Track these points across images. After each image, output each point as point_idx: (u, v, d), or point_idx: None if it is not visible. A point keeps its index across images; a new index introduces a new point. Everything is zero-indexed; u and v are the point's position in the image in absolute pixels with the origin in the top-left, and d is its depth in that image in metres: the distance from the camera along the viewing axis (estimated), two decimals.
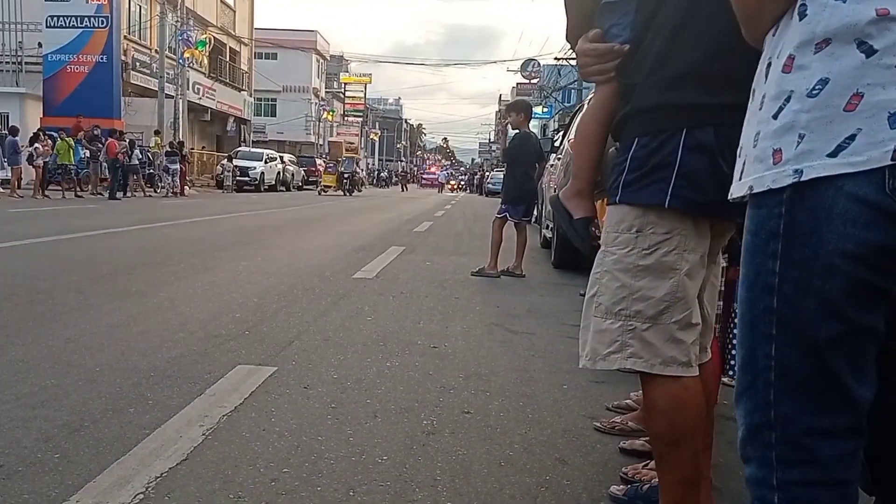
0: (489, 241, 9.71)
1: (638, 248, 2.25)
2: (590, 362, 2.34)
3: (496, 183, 50.50)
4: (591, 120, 2.50)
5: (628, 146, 2.24)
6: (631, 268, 2.26)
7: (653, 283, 2.25)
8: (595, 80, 2.43)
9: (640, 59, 2.24)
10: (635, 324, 2.26)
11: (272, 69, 64.90)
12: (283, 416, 3.68)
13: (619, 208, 2.27)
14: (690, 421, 2.31)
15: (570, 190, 2.64)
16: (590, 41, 2.37)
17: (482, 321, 6.42)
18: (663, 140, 2.17)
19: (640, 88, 2.23)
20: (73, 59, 32.69)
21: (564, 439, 3.63)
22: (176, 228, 14.35)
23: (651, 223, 2.23)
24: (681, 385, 2.28)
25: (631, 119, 2.25)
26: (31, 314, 5.68)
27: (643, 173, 2.20)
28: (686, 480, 2.34)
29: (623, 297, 2.27)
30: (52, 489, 2.76)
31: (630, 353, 2.27)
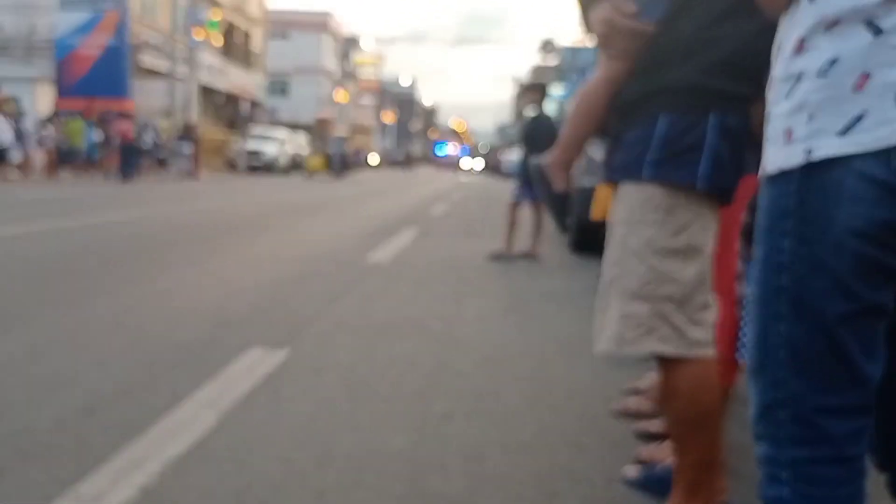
0: (505, 223, 9.69)
1: (666, 228, 2.23)
2: (614, 347, 2.31)
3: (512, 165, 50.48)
4: (598, 93, 2.43)
5: (651, 122, 2.21)
6: (660, 249, 2.23)
7: (680, 264, 2.23)
8: (614, 54, 2.37)
9: (673, 40, 2.21)
10: (664, 306, 2.24)
11: (285, 50, 64.75)
12: (295, 400, 3.68)
13: (644, 187, 2.24)
14: (711, 401, 2.32)
15: (554, 159, 2.60)
16: (624, 15, 2.29)
17: (497, 305, 6.41)
18: (693, 120, 2.17)
19: (672, 68, 2.20)
20: (85, 42, 32.72)
21: (578, 423, 3.61)
22: (188, 211, 14.36)
23: (679, 204, 2.22)
24: (702, 366, 2.29)
25: (658, 95, 2.22)
26: (43, 298, 5.71)
27: (674, 152, 2.18)
28: (704, 462, 2.34)
29: (652, 279, 2.24)
30: (65, 472, 2.76)
31: (659, 337, 2.25)
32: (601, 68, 2.44)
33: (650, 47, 2.26)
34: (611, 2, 2.31)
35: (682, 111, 2.18)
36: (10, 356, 4.19)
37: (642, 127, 2.24)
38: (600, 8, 2.34)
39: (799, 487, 1.46)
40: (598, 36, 2.35)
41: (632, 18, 2.27)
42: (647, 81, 2.26)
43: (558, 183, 2.59)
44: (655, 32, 2.25)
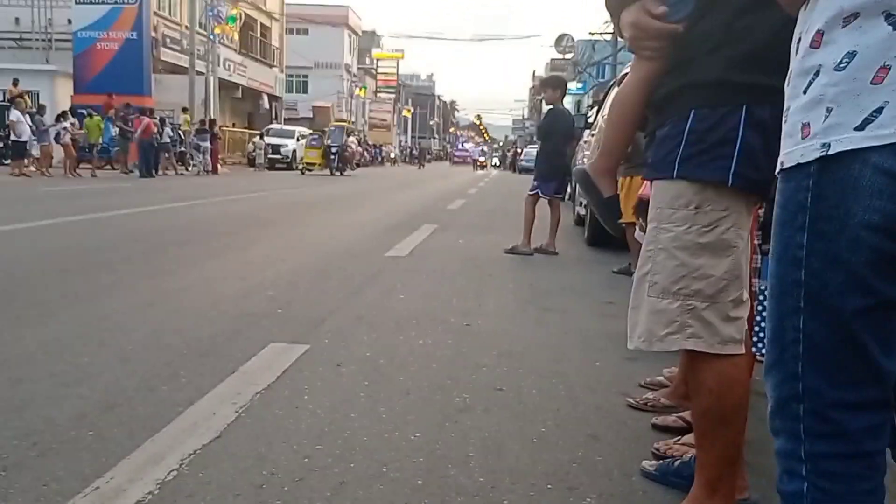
0: (522, 219, 9.68)
1: (697, 225, 2.23)
2: (644, 344, 2.32)
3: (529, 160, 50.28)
4: (634, 95, 2.44)
5: (684, 118, 2.21)
6: (690, 245, 2.23)
7: (711, 260, 2.23)
8: (644, 55, 2.37)
9: (701, 34, 2.21)
10: (694, 303, 2.25)
11: (304, 45, 64.75)
12: (315, 394, 3.70)
13: (675, 184, 2.24)
14: (738, 398, 2.33)
15: (599, 166, 2.60)
16: (653, 16, 2.28)
17: (515, 299, 6.42)
18: (724, 115, 2.16)
19: (701, 63, 2.20)
20: (104, 36, 32.63)
21: (597, 416, 3.62)
22: (208, 207, 14.41)
23: (710, 200, 2.21)
24: (731, 363, 2.29)
25: (687, 91, 2.22)
26: (64, 293, 5.73)
27: (704, 148, 2.18)
28: (727, 458, 2.35)
29: (682, 275, 2.25)
30: (86, 466, 2.78)
31: (690, 334, 2.26)
32: (634, 70, 2.44)
33: (679, 45, 2.26)
34: (639, 4, 2.31)
35: (712, 105, 2.18)
36: (30, 351, 4.21)
37: (673, 123, 2.24)
38: (629, 11, 2.34)
39: (817, 482, 1.46)
40: (629, 38, 2.36)
41: (660, 19, 2.27)
42: (676, 78, 2.26)
43: (606, 189, 2.60)
44: (688, 25, 2.25)
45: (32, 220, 10.30)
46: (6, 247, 7.97)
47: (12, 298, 5.44)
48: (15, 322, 4.79)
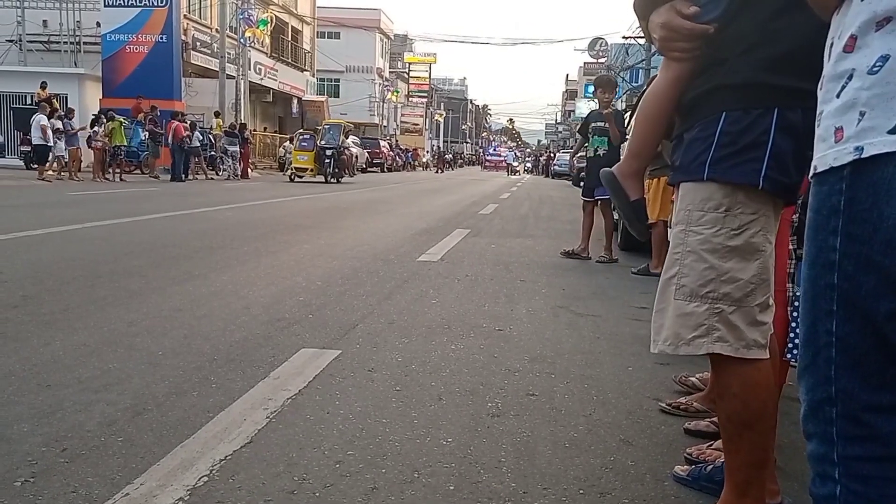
0: (555, 223, 9.66)
1: (726, 228, 2.22)
2: (671, 347, 2.31)
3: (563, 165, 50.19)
4: (662, 97, 2.42)
5: (715, 120, 2.20)
6: (719, 248, 2.23)
7: (740, 264, 2.22)
8: (674, 56, 2.35)
9: (733, 36, 2.19)
10: (722, 306, 2.24)
11: (335, 49, 65.06)
12: (347, 400, 3.70)
13: (705, 186, 2.23)
14: (763, 402, 2.30)
15: (627, 169, 2.59)
16: (684, 17, 2.26)
17: (547, 303, 6.40)
18: (756, 117, 2.15)
19: (733, 64, 2.18)
20: (133, 39, 32.46)
21: (629, 420, 3.61)
22: (238, 211, 14.46)
23: (740, 203, 2.21)
24: (755, 367, 2.28)
25: (718, 93, 2.21)
26: (93, 298, 5.75)
27: (735, 151, 2.17)
28: (755, 463, 2.33)
29: (711, 278, 2.24)
30: (115, 472, 2.78)
31: (717, 337, 2.25)
32: (663, 71, 2.42)
33: (711, 46, 2.24)
34: (669, 4, 2.29)
35: (744, 108, 2.17)
36: (58, 356, 4.22)
37: (703, 126, 2.23)
38: (659, 12, 2.32)
39: (850, 485, 1.44)
40: (659, 39, 2.33)
41: (690, 19, 2.25)
42: (707, 79, 2.24)
43: (633, 192, 2.58)
44: (716, 30, 2.23)
45: (61, 225, 10.37)
46: (35, 252, 8.01)
47: (41, 304, 5.47)
48: (44, 327, 4.81)
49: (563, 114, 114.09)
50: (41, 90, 26.37)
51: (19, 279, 6.37)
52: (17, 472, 2.75)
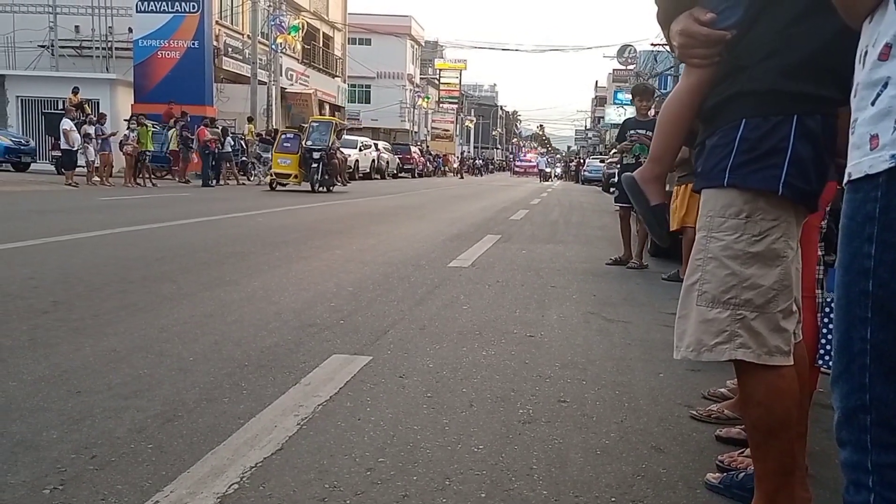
0: (586, 229, 9.64)
1: (747, 234, 2.22)
2: (693, 353, 2.31)
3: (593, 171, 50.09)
4: (683, 103, 2.43)
5: (735, 127, 2.20)
6: (740, 254, 2.23)
7: (761, 270, 2.22)
8: (694, 63, 2.35)
9: (752, 42, 2.19)
10: (744, 313, 2.24)
11: (366, 55, 65.35)
12: (378, 406, 3.69)
13: (725, 192, 2.24)
14: (787, 409, 2.30)
15: (648, 174, 2.58)
16: (701, 23, 2.27)
17: (578, 310, 6.38)
18: (776, 124, 2.15)
19: (753, 71, 2.18)
20: (164, 45, 32.68)
21: (660, 428, 3.59)
22: (269, 217, 14.50)
23: (760, 209, 2.21)
24: (778, 374, 2.28)
25: (738, 100, 2.21)
26: (123, 304, 5.77)
27: (755, 157, 2.17)
28: (782, 469, 2.32)
29: (732, 284, 2.24)
30: (145, 479, 2.78)
31: (739, 344, 2.25)
32: (684, 77, 2.43)
33: (730, 52, 2.25)
34: (688, 12, 2.29)
35: (763, 114, 2.17)
36: (89, 362, 4.24)
37: (724, 132, 2.23)
38: (678, 20, 2.33)
39: (884, 493, 1.42)
40: (678, 47, 2.34)
41: (708, 25, 2.25)
42: (727, 86, 2.24)
43: (654, 196, 2.57)
44: (735, 37, 2.22)
45: (91, 230, 10.44)
46: (66, 257, 8.07)
47: (71, 309, 5.50)
48: (74, 333, 4.83)
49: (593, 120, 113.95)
50: (73, 95, 26.55)
51: (50, 284, 6.41)
52: (47, 480, 2.76)
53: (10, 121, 31.42)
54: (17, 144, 27.84)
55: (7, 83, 32.25)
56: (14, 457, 2.95)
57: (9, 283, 6.38)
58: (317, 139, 25.27)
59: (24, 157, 28.03)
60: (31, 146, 28.67)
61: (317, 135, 25.55)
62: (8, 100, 32.01)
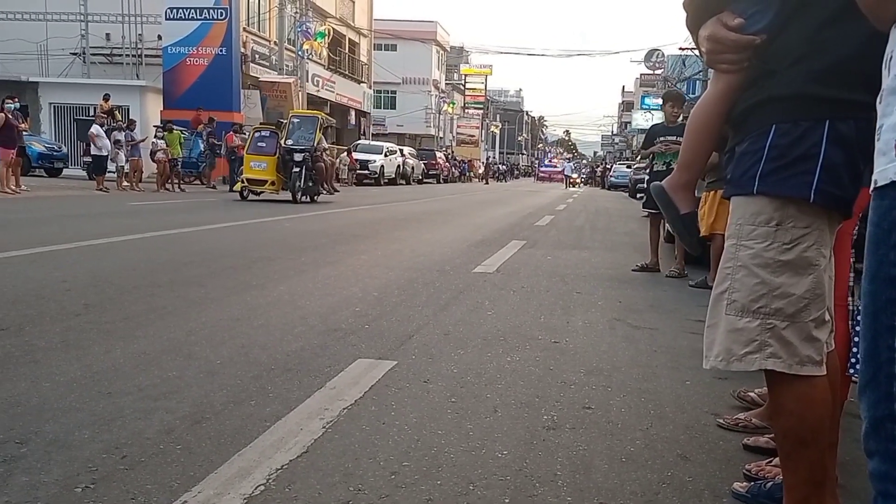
0: (612, 235, 9.62)
1: (778, 242, 2.19)
2: (722, 363, 2.29)
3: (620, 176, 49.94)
4: (712, 109, 2.41)
5: (765, 133, 2.18)
6: (770, 263, 2.20)
7: (792, 279, 2.19)
8: (722, 69, 2.34)
9: (782, 47, 2.17)
10: (775, 322, 2.21)
11: (392, 61, 65.53)
12: (402, 410, 3.70)
13: (755, 200, 2.21)
14: (818, 419, 2.26)
15: (677, 182, 2.57)
16: (729, 29, 2.26)
17: (604, 316, 6.36)
18: (806, 130, 2.12)
19: (782, 76, 2.16)
20: (193, 52, 32.85)
21: (687, 435, 3.57)
22: (296, 221, 14.56)
23: (791, 217, 2.18)
24: (810, 384, 2.24)
25: (768, 105, 2.19)
26: (153, 307, 5.82)
27: (785, 164, 2.15)
28: (812, 480, 2.29)
29: (762, 293, 2.21)
30: (173, 480, 2.81)
31: (770, 353, 2.22)
32: (713, 83, 2.41)
33: (759, 57, 2.23)
34: (716, 17, 2.28)
35: (794, 120, 2.14)
36: (119, 364, 4.28)
37: (753, 139, 2.21)
38: (706, 25, 2.31)
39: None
40: (706, 52, 2.33)
41: (735, 30, 2.24)
42: (757, 92, 2.22)
43: (684, 205, 2.56)
44: (764, 42, 2.21)
45: (121, 235, 10.51)
46: (97, 261, 8.14)
47: (103, 312, 5.55)
48: (105, 336, 4.88)
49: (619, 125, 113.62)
50: (104, 102, 26.75)
51: (82, 288, 6.47)
52: (78, 479, 2.79)
53: (42, 127, 31.60)
54: (50, 150, 28.11)
55: (40, 90, 32.56)
56: (47, 455, 2.99)
57: (42, 287, 6.44)
58: (299, 138, 21.49)
59: (56, 163, 28.30)
60: (63, 152, 28.97)
61: (299, 133, 21.74)
62: (41, 106, 32.28)
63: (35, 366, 4.17)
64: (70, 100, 31.90)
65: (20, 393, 3.72)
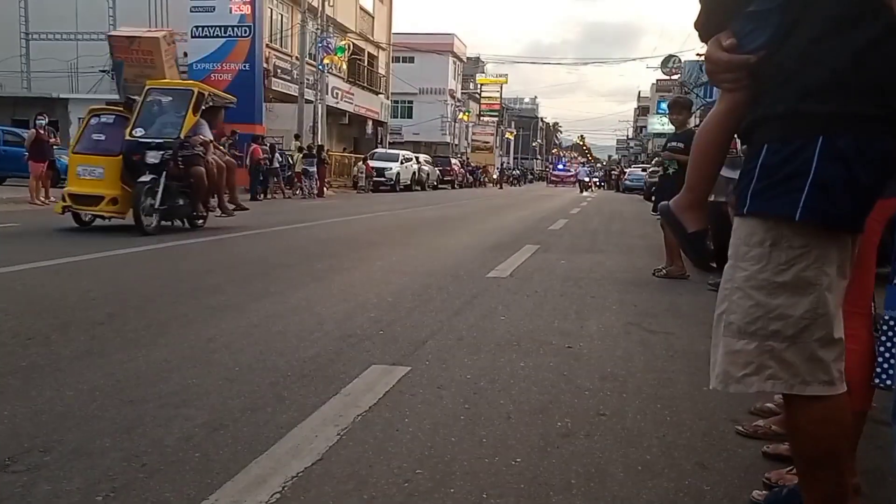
0: (626, 238, 9.57)
1: (773, 263, 2.12)
2: (721, 385, 2.24)
3: (634, 179, 49.88)
4: (717, 127, 2.38)
5: (757, 153, 2.13)
6: (766, 285, 2.13)
7: (790, 300, 2.12)
8: (725, 87, 2.32)
9: (775, 65, 2.13)
10: (773, 344, 2.14)
11: (409, 72, 65.93)
12: (416, 417, 3.69)
13: (748, 220, 2.16)
14: (833, 439, 2.20)
15: (684, 201, 2.53)
16: (724, 49, 2.24)
17: (619, 320, 6.33)
18: (797, 147, 2.06)
19: (774, 94, 2.12)
20: (218, 67, 33.69)
21: (704, 443, 3.53)
22: (314, 229, 14.61)
23: (785, 236, 2.11)
24: (823, 404, 2.16)
25: (762, 124, 2.15)
26: (174, 315, 5.85)
27: (774, 182, 2.09)
28: (830, 498, 2.23)
29: (758, 316, 2.15)
30: (191, 488, 2.81)
31: (769, 375, 2.16)
32: (718, 102, 2.39)
33: (756, 76, 2.21)
34: (715, 36, 2.28)
35: (784, 139, 2.08)
36: (140, 372, 4.30)
37: (751, 158, 2.16)
38: (709, 44, 2.31)
39: None
40: (707, 73, 2.32)
41: (729, 50, 2.22)
42: (753, 111, 2.20)
43: (691, 224, 2.52)
44: (761, 59, 2.18)
45: (144, 245, 10.55)
46: (121, 270, 8.23)
47: (126, 320, 5.57)
48: (128, 343, 4.91)
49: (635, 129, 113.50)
50: None
51: (105, 297, 6.53)
52: (99, 487, 2.81)
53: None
54: None
55: (70, 106, 33.27)
56: (69, 464, 3.01)
57: (68, 296, 6.51)
58: (162, 127, 12.95)
59: None
60: None
61: (159, 119, 13.20)
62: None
63: (60, 374, 4.22)
64: None
65: (45, 401, 3.75)
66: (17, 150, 23.62)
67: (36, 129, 19.59)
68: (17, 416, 3.53)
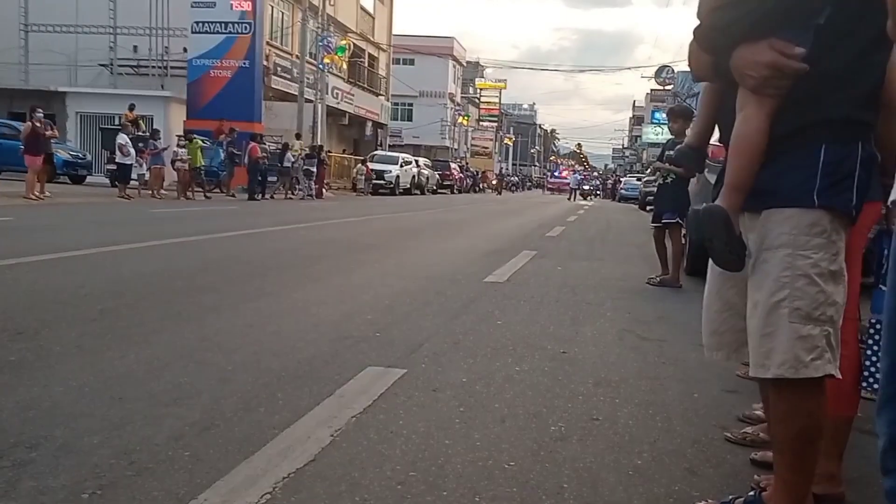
0: (622, 247, 9.58)
1: (829, 252, 2.33)
2: (790, 371, 2.36)
3: (630, 188, 49.90)
4: (762, 133, 2.42)
5: (810, 152, 2.30)
6: (825, 273, 2.33)
7: (836, 287, 2.35)
8: (770, 93, 2.37)
9: (827, 72, 2.28)
10: (829, 329, 2.35)
11: (409, 74, 65.87)
12: (410, 419, 3.70)
13: (813, 212, 2.32)
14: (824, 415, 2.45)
15: (735, 204, 2.50)
16: (790, 57, 2.30)
17: (613, 327, 6.35)
18: (849, 150, 2.29)
19: (829, 100, 2.29)
20: (217, 64, 33.44)
21: (694, 449, 3.56)
22: (312, 231, 14.62)
23: (837, 229, 2.34)
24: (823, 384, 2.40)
25: (817, 127, 2.31)
26: (168, 313, 5.85)
27: (837, 180, 2.29)
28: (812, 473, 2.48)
29: (822, 301, 2.33)
30: (180, 487, 2.81)
31: (828, 359, 2.35)
32: (756, 107, 2.40)
33: (801, 82, 2.31)
34: (770, 44, 2.32)
35: (842, 142, 2.29)
36: (132, 370, 4.29)
37: (800, 157, 2.33)
38: (759, 51, 2.34)
39: None
40: (757, 78, 2.35)
41: (795, 59, 2.30)
42: (802, 114, 2.33)
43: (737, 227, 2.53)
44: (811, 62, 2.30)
45: (141, 241, 10.57)
46: (116, 267, 8.22)
47: (118, 317, 5.57)
48: (120, 341, 4.90)
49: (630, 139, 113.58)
50: (129, 112, 26.98)
51: (99, 293, 6.53)
52: (86, 485, 2.80)
53: (68, 135, 32.04)
54: (75, 158, 28.42)
55: (68, 100, 33.15)
56: (56, 460, 3.00)
57: (61, 291, 6.51)
58: None
59: (80, 170, 28.67)
60: (87, 160, 29.34)
61: None
62: (68, 115, 32.86)
63: (49, 370, 4.20)
64: (96, 109, 32.42)
65: (33, 397, 3.74)
66: (13, 143, 23.46)
67: (32, 122, 19.56)
68: (3, 412, 3.52)
